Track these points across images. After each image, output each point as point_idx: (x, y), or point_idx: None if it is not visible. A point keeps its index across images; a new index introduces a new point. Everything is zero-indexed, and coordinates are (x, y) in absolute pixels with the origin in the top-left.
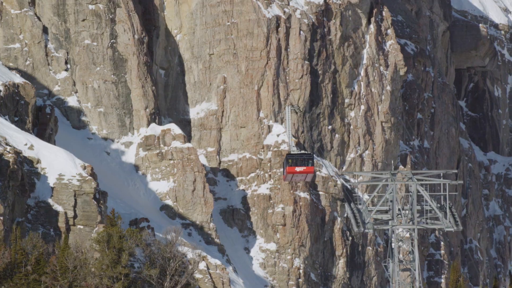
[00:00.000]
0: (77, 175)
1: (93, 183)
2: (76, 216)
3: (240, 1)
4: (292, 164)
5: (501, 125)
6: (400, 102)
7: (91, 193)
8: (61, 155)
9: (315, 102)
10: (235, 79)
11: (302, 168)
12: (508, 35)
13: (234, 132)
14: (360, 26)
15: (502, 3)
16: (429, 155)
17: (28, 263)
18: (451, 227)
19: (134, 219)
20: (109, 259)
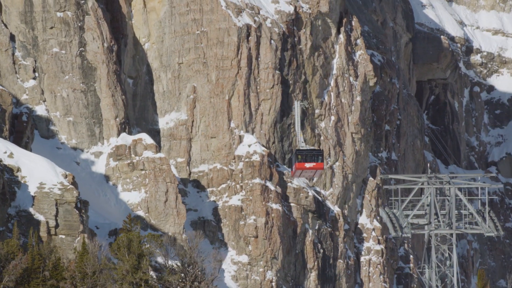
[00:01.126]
0: (58, 183)
1: (75, 192)
2: (58, 226)
3: (210, 9)
4: (302, 160)
5: (462, 138)
6: (369, 113)
7: (72, 202)
8: (41, 164)
9: (286, 112)
10: (205, 88)
11: (311, 164)
12: (463, 48)
13: (204, 143)
14: (329, 35)
15: (457, 16)
16: (397, 167)
17: (45, 268)
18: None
19: (113, 229)
20: (129, 264)
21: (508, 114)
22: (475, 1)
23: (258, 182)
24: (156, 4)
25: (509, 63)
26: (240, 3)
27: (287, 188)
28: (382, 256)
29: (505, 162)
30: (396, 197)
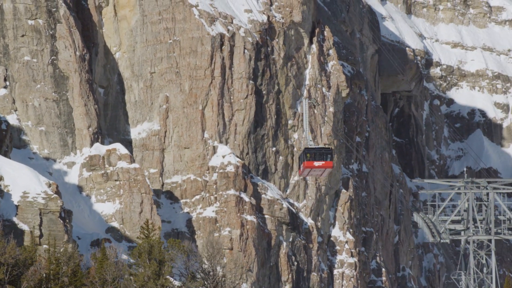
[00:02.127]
0: (42, 192)
1: (59, 201)
2: (42, 235)
3: (183, 18)
4: (311, 159)
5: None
6: (342, 124)
7: (57, 211)
8: (24, 172)
9: (259, 123)
10: (178, 98)
11: (321, 163)
12: (423, 61)
13: (177, 153)
14: (302, 45)
15: (417, 28)
16: (367, 179)
17: (64, 274)
18: None
19: (95, 240)
20: (151, 270)
21: (468, 127)
22: (434, 14)
23: (233, 194)
24: (127, 12)
25: (468, 76)
26: (213, 12)
27: (261, 199)
28: (356, 269)
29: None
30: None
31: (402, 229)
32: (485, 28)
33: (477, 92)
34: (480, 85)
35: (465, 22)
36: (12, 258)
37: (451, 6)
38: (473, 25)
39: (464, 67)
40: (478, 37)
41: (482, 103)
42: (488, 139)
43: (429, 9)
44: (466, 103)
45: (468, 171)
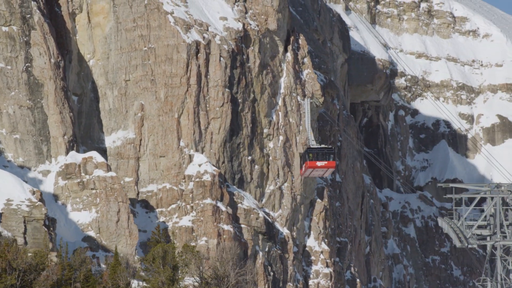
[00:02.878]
0: (26, 200)
1: (43, 209)
2: (27, 243)
3: (158, 25)
4: (313, 159)
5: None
6: (316, 133)
7: (41, 219)
8: (7, 179)
9: (235, 131)
10: (154, 106)
11: (323, 163)
12: (388, 71)
13: (153, 162)
14: (277, 54)
15: (382, 38)
16: (341, 189)
17: (76, 279)
18: None
19: (77, 248)
20: (165, 276)
21: (433, 138)
22: (398, 24)
23: (210, 203)
24: (101, 19)
25: (433, 87)
26: (189, 20)
27: (238, 209)
28: (331, 279)
29: (431, 187)
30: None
31: (373, 240)
32: (449, 39)
33: (442, 103)
34: (444, 96)
35: (429, 33)
36: (24, 263)
37: (415, 17)
38: (437, 35)
39: (428, 77)
40: (442, 48)
41: (447, 114)
42: (453, 150)
43: (393, 19)
44: (431, 113)
45: (433, 182)
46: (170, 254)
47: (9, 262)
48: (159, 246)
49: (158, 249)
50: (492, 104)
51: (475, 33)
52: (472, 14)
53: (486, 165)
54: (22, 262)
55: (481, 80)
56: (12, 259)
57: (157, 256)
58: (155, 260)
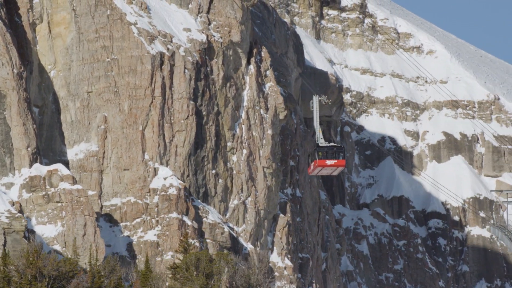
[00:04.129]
0: (6, 211)
1: (23, 220)
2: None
3: (121, 36)
4: (323, 157)
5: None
6: (279, 147)
7: (21, 231)
8: None
9: (199, 144)
10: (117, 118)
11: (333, 162)
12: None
13: (116, 175)
14: (240, 66)
15: (326, 54)
16: (301, 204)
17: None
18: None
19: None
20: (198, 284)
21: (379, 155)
22: (342, 40)
23: (175, 217)
24: (62, 30)
25: (378, 103)
26: (153, 31)
27: (203, 223)
28: None
29: (377, 203)
30: None
31: (329, 256)
32: (394, 55)
33: (387, 119)
34: (390, 112)
35: (373, 49)
36: (54, 270)
37: (360, 32)
38: (382, 51)
39: (373, 93)
40: (387, 64)
41: (393, 131)
42: (399, 167)
43: (338, 35)
44: (376, 130)
45: (379, 199)
46: (203, 261)
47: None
48: (192, 253)
49: (191, 256)
50: (437, 121)
51: (419, 50)
52: (416, 30)
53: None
54: (53, 269)
55: (426, 97)
56: (42, 266)
57: (190, 263)
58: (188, 268)
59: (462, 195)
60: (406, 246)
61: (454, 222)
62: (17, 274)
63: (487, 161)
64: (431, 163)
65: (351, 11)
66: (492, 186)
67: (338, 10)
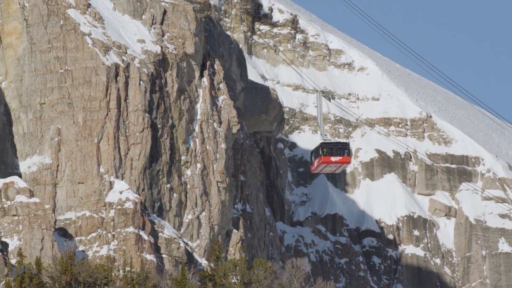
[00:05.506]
0: None
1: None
2: None
3: (75, 47)
4: (327, 154)
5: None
6: (232, 161)
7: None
8: None
9: (155, 158)
10: (71, 131)
11: (338, 158)
12: None
13: (71, 188)
14: (193, 78)
15: (259, 69)
16: (252, 220)
17: None
18: None
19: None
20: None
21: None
22: (274, 56)
23: (132, 231)
24: (13, 40)
25: (310, 119)
26: (107, 41)
27: (159, 238)
28: None
29: (311, 221)
30: None
31: None
32: (325, 71)
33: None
34: None
35: (305, 65)
36: (89, 277)
37: (291, 48)
38: (313, 67)
39: (306, 110)
40: (318, 80)
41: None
42: (332, 184)
43: (269, 50)
44: (309, 147)
45: (313, 217)
46: (241, 269)
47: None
48: (230, 261)
49: (229, 264)
50: (370, 138)
51: (350, 66)
52: (347, 47)
53: (365, 200)
54: (88, 275)
55: (358, 114)
56: (77, 273)
57: (228, 271)
58: (226, 275)
59: (396, 213)
60: (348, 264)
61: (388, 241)
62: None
63: (420, 179)
64: (364, 180)
65: (282, 27)
66: (426, 205)
67: (269, 25)
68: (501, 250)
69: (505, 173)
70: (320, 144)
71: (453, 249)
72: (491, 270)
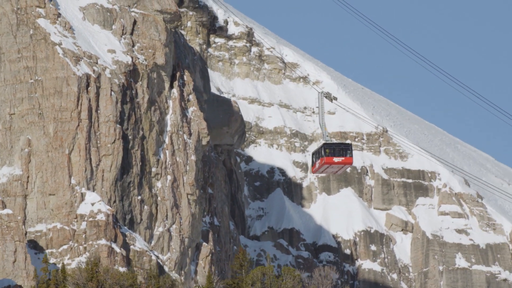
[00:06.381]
0: None
1: None
2: None
3: (45, 57)
4: (330, 154)
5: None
6: (202, 174)
7: None
8: None
9: (126, 169)
10: (42, 141)
11: (340, 159)
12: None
13: (41, 200)
14: (163, 90)
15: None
16: (219, 233)
17: None
18: None
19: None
20: None
21: (268, 186)
22: (229, 68)
23: (104, 244)
24: None
25: (266, 133)
26: (78, 51)
27: (130, 251)
28: None
29: (267, 236)
30: None
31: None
32: (281, 85)
33: (276, 150)
34: (278, 143)
35: (260, 78)
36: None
37: (247, 61)
38: (268, 81)
39: (262, 123)
40: (274, 94)
41: (281, 162)
42: (289, 198)
43: (225, 63)
44: (265, 161)
45: (270, 231)
46: (269, 277)
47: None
48: (258, 269)
49: (257, 271)
50: None
51: (305, 80)
52: (302, 60)
53: (322, 215)
54: (114, 282)
55: (314, 128)
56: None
57: (256, 279)
58: (255, 283)
59: (353, 228)
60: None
61: (345, 256)
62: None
63: (377, 194)
64: (320, 195)
65: (238, 40)
66: (382, 220)
67: (225, 38)
68: (458, 265)
69: (461, 188)
70: (323, 144)
71: (410, 264)
72: (448, 286)
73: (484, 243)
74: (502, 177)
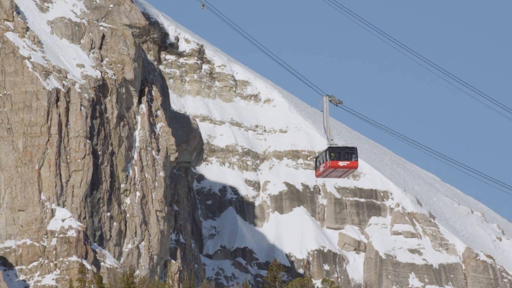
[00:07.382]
0: None
1: None
2: None
3: (14, 71)
4: (335, 158)
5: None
6: (170, 190)
7: None
8: None
9: (95, 185)
10: (11, 156)
11: (346, 163)
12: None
13: (10, 216)
14: (132, 105)
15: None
16: (185, 251)
17: None
18: None
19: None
20: None
21: (220, 205)
22: (180, 86)
23: (76, 260)
24: None
25: (218, 151)
26: (47, 65)
27: (101, 268)
28: None
29: (220, 255)
30: None
31: None
32: (232, 102)
33: (228, 168)
34: (230, 161)
35: (211, 95)
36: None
37: (198, 78)
38: (220, 98)
39: (213, 141)
40: (225, 111)
41: (234, 180)
42: (241, 217)
43: (176, 80)
44: (217, 179)
45: (222, 251)
46: None
47: None
48: (297, 280)
49: (296, 283)
50: (278, 171)
51: (256, 98)
52: (253, 78)
53: (275, 234)
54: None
55: (266, 146)
56: None
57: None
58: None
59: (306, 247)
60: None
61: (298, 275)
62: None
63: (330, 213)
64: (273, 214)
65: (189, 57)
66: (335, 239)
67: (176, 55)
68: (412, 285)
69: (413, 207)
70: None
71: (363, 284)
72: None
73: (437, 263)
74: (451, 197)
